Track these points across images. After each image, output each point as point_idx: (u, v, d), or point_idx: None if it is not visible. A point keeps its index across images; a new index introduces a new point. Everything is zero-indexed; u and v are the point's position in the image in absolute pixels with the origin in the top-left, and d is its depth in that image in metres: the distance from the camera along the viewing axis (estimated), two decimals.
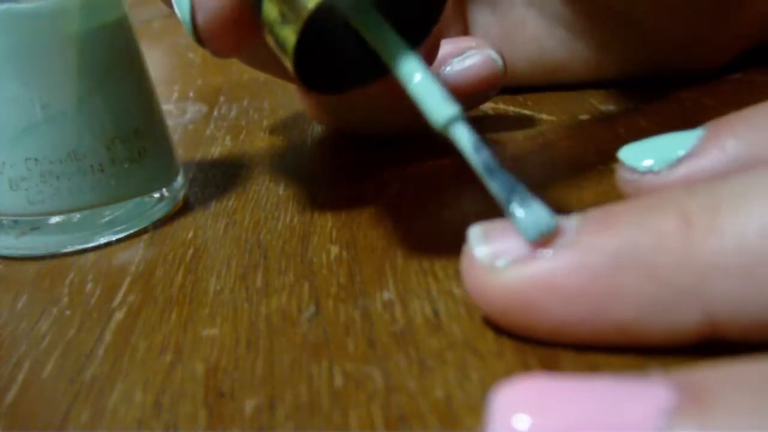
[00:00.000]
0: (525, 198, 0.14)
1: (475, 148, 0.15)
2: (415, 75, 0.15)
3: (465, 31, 0.30)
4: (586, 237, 0.14)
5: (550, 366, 0.14)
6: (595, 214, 0.14)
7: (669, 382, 0.10)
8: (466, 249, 0.15)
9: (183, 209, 0.24)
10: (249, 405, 0.14)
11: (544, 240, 0.14)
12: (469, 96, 0.25)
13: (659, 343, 0.13)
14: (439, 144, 0.26)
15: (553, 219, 0.14)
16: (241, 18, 0.18)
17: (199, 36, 0.18)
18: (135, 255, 0.21)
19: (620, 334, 0.13)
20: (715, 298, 0.12)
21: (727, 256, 0.12)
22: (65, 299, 0.19)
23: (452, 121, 0.15)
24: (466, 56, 0.25)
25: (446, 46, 0.24)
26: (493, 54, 0.25)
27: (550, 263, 0.14)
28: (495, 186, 0.15)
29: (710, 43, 0.28)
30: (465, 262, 0.15)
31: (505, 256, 0.14)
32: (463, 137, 0.15)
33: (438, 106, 0.15)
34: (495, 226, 0.15)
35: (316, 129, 0.29)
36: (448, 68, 0.25)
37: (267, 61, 0.20)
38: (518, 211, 0.14)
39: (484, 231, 0.15)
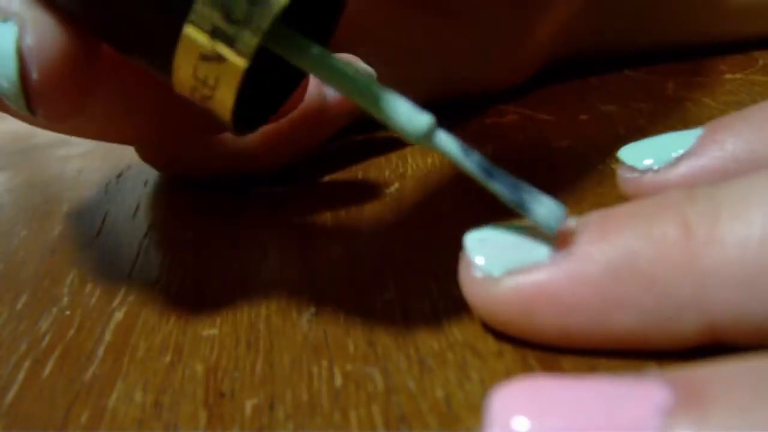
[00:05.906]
0: (533, 193, 0.14)
1: (465, 153, 0.14)
2: (377, 95, 0.14)
3: None
4: (584, 246, 0.13)
5: (551, 366, 0.14)
6: (593, 219, 0.14)
7: (665, 381, 0.10)
8: (463, 257, 0.15)
9: (183, 210, 0.24)
10: (249, 405, 0.14)
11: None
12: (338, 121, 0.24)
13: (659, 350, 0.13)
14: None
15: (562, 205, 0.14)
16: (88, 63, 0.15)
17: (31, 97, 0.14)
18: (135, 255, 0.21)
19: (620, 343, 0.13)
20: (716, 307, 0.12)
21: (728, 265, 0.12)
22: (65, 299, 0.19)
23: (431, 129, 0.14)
24: None
25: None
26: (369, 70, 0.23)
27: (548, 273, 0.13)
28: (498, 187, 0.14)
29: (506, 64, 0.29)
30: (462, 271, 0.15)
31: (503, 264, 0.14)
32: (449, 144, 0.14)
33: (412, 119, 0.14)
34: (492, 232, 0.15)
35: None
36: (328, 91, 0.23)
37: (105, 122, 0.18)
38: (535, 207, 0.14)
39: (481, 238, 0.15)
